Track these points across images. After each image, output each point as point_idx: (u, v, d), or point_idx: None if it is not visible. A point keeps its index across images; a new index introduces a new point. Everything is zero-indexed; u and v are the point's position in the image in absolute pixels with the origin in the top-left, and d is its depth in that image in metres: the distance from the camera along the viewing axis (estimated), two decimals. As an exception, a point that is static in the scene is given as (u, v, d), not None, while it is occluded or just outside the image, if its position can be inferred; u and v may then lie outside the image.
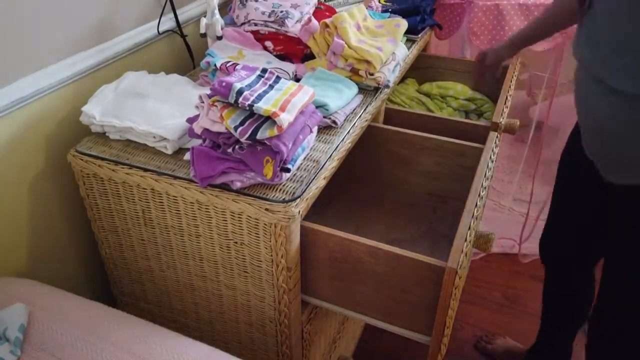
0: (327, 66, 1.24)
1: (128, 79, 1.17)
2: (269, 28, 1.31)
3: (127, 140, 1.07)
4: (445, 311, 0.90)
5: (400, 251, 0.92)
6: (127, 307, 1.29)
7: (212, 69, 1.20)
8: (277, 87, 0.96)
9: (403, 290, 0.96)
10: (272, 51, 1.30)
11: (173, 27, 1.41)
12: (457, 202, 1.30)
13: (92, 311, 0.94)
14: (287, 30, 1.28)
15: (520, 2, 1.60)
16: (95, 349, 0.85)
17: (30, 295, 0.96)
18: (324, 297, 1.06)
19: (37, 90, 1.06)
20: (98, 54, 1.20)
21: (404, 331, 1.02)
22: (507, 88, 1.42)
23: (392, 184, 1.36)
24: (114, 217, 1.11)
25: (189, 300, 1.18)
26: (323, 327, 1.24)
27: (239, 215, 0.94)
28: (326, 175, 0.99)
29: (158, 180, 0.98)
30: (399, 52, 1.30)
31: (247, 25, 1.33)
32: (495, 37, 1.66)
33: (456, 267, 0.85)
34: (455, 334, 1.71)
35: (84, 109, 1.07)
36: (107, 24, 1.22)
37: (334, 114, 1.11)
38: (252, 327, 1.13)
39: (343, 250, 0.96)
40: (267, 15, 1.30)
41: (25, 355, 0.84)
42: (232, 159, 0.92)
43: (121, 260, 1.19)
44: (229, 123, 0.88)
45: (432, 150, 1.26)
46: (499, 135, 1.25)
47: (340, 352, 1.46)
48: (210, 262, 1.06)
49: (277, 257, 0.96)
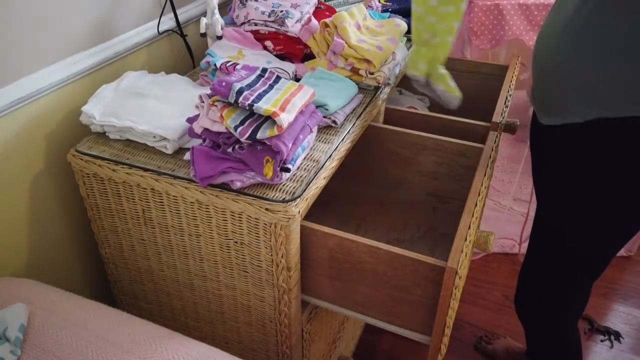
0: (327, 66, 1.24)
1: (128, 79, 1.17)
2: (269, 28, 1.31)
3: (127, 140, 1.07)
4: (445, 311, 0.90)
5: (400, 251, 0.91)
6: (127, 307, 1.29)
7: (212, 69, 1.20)
8: (277, 86, 0.96)
9: (403, 290, 0.96)
10: (272, 51, 1.31)
11: (173, 27, 1.41)
12: (457, 202, 1.30)
13: (92, 311, 0.94)
14: (287, 30, 1.28)
15: (520, 2, 1.60)
16: (95, 349, 0.85)
17: (30, 295, 0.96)
18: (324, 297, 1.06)
19: (37, 90, 1.06)
20: (98, 54, 1.20)
21: (404, 331, 1.02)
22: (507, 88, 1.42)
23: (392, 184, 1.36)
24: (114, 217, 1.11)
25: (189, 300, 1.18)
26: (323, 327, 1.24)
27: (239, 215, 0.94)
28: (326, 175, 0.99)
29: (158, 180, 0.98)
30: (399, 52, 1.30)
31: (247, 25, 1.33)
32: (495, 37, 1.66)
33: (456, 267, 0.85)
34: (455, 334, 1.71)
35: (84, 109, 1.07)
36: (107, 24, 1.22)
37: (334, 114, 1.11)
38: (252, 327, 1.13)
39: (343, 250, 0.96)
40: (267, 15, 1.30)
41: (25, 355, 0.84)
42: (232, 158, 0.92)
43: (121, 260, 1.19)
44: (229, 123, 0.88)
45: (432, 150, 1.26)
46: (499, 135, 1.25)
47: (340, 352, 1.46)
48: (210, 262, 1.06)
49: (277, 256, 0.96)
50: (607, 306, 1.84)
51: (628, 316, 1.80)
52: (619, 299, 1.87)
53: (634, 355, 1.67)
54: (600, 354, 1.67)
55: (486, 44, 1.67)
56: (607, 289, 1.90)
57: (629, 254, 2.04)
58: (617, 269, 1.99)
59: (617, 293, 1.89)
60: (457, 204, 1.31)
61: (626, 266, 2.01)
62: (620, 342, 1.71)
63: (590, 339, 1.72)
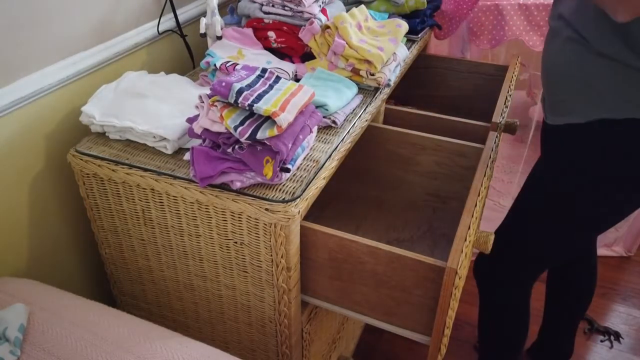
0: (327, 67, 1.24)
1: (128, 79, 1.17)
2: (282, 13, 1.29)
3: (127, 140, 1.07)
4: (445, 311, 0.90)
5: (400, 251, 0.91)
6: (127, 307, 1.29)
7: (212, 69, 1.20)
8: (277, 87, 0.96)
9: (403, 290, 0.96)
10: (274, 42, 1.30)
11: (173, 27, 1.41)
12: (457, 202, 1.31)
13: (92, 311, 0.94)
14: (304, 10, 1.26)
15: (520, 2, 1.60)
16: (95, 349, 0.85)
17: (30, 295, 0.96)
18: (323, 297, 1.06)
19: (37, 90, 1.06)
20: (98, 54, 1.20)
21: (404, 331, 1.02)
22: (507, 88, 1.42)
23: (392, 184, 1.36)
24: (114, 217, 1.11)
25: (189, 300, 1.18)
26: (323, 327, 1.24)
27: (239, 215, 0.94)
28: (326, 175, 0.99)
29: (158, 180, 0.98)
30: (399, 52, 1.30)
31: (265, 5, 1.31)
32: (495, 37, 1.66)
33: (456, 267, 0.85)
34: (455, 334, 1.72)
35: (83, 109, 1.07)
36: (107, 24, 1.22)
37: (333, 114, 1.11)
38: (252, 327, 1.13)
39: (343, 250, 0.96)
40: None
41: (25, 355, 0.84)
42: (232, 159, 0.91)
43: (121, 260, 1.19)
44: (229, 123, 0.88)
45: (432, 150, 1.26)
46: (498, 135, 1.25)
47: (340, 352, 1.46)
48: (210, 262, 1.06)
49: (277, 257, 0.96)
50: (607, 306, 1.84)
51: (628, 316, 1.80)
52: (618, 299, 1.87)
53: (633, 355, 1.67)
54: (600, 354, 1.67)
55: (486, 44, 1.67)
56: (607, 289, 1.90)
57: (629, 254, 2.04)
58: (617, 269, 1.99)
59: (617, 293, 1.89)
60: (457, 204, 1.31)
61: (626, 266, 2.01)
62: (620, 342, 1.71)
63: (590, 339, 1.72)
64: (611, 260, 2.01)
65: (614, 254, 2.04)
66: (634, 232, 1.99)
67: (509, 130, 1.34)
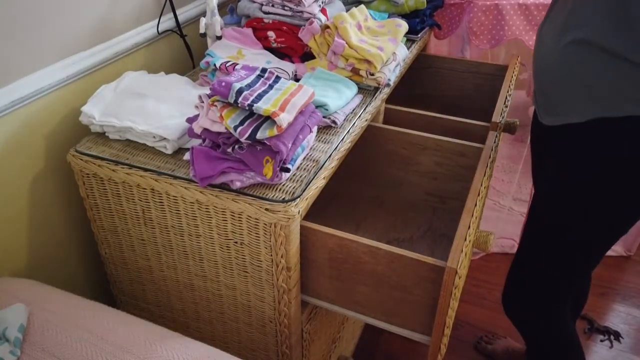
0: (327, 66, 1.24)
1: (128, 79, 1.17)
2: (282, 13, 1.29)
3: (126, 140, 1.07)
4: (445, 311, 0.90)
5: (400, 251, 0.91)
6: (127, 307, 1.29)
7: (212, 69, 1.20)
8: (276, 87, 0.96)
9: (403, 290, 0.96)
10: (274, 42, 1.30)
11: (173, 27, 1.41)
12: (457, 202, 1.30)
13: (92, 311, 0.94)
14: (304, 10, 1.27)
15: (520, 2, 1.60)
16: (95, 349, 0.85)
17: (30, 295, 0.96)
18: (324, 297, 1.06)
19: (37, 90, 1.06)
20: (98, 54, 1.20)
21: (404, 331, 1.02)
22: (506, 88, 1.42)
23: (392, 184, 1.36)
24: (114, 217, 1.11)
25: (189, 300, 1.18)
26: (323, 327, 1.24)
27: (239, 215, 0.94)
28: (326, 175, 0.99)
29: (158, 180, 0.98)
30: (399, 52, 1.30)
31: (265, 5, 1.31)
32: (495, 37, 1.66)
33: (456, 267, 0.85)
34: (455, 334, 1.71)
35: (83, 109, 1.07)
36: (107, 24, 1.22)
37: (333, 114, 1.11)
38: (252, 327, 1.13)
39: (343, 250, 0.96)
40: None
41: (25, 355, 0.84)
42: (232, 158, 0.91)
43: (121, 260, 1.19)
44: (229, 123, 0.88)
45: (432, 150, 1.26)
46: (498, 135, 1.25)
47: (340, 352, 1.46)
48: (210, 262, 1.06)
49: (277, 256, 0.96)
50: (607, 306, 1.84)
51: (628, 316, 1.80)
52: (618, 299, 1.87)
53: (633, 355, 1.67)
54: (600, 354, 1.67)
55: (486, 44, 1.67)
56: (606, 289, 1.90)
57: (629, 254, 2.04)
58: (617, 269, 1.99)
59: (617, 293, 1.89)
60: (457, 204, 1.31)
61: (626, 266, 2.01)
62: (620, 342, 1.71)
63: (590, 339, 1.72)
64: (611, 260, 2.01)
65: (614, 254, 2.04)
66: (634, 232, 1.99)
67: (508, 130, 1.34)
